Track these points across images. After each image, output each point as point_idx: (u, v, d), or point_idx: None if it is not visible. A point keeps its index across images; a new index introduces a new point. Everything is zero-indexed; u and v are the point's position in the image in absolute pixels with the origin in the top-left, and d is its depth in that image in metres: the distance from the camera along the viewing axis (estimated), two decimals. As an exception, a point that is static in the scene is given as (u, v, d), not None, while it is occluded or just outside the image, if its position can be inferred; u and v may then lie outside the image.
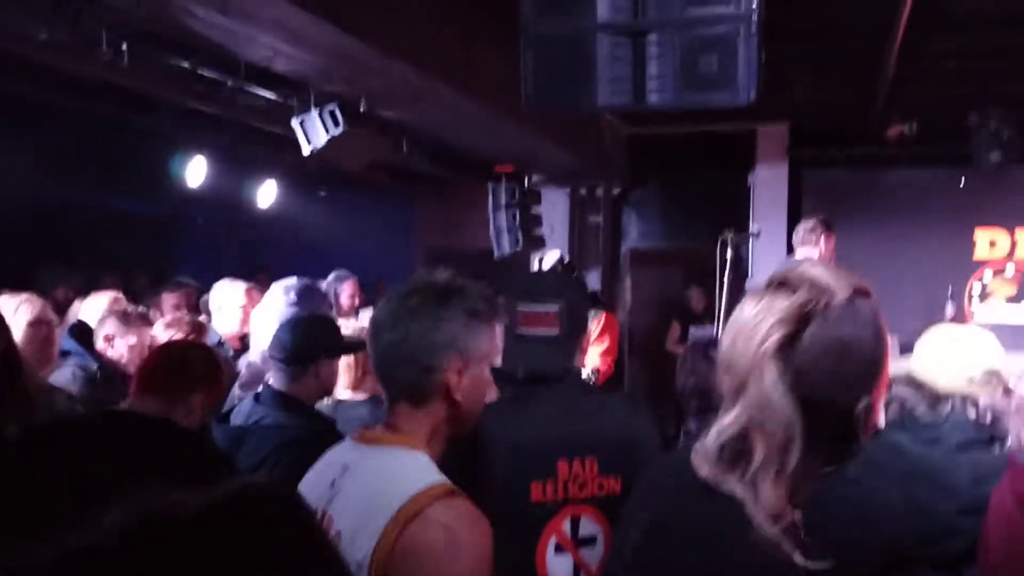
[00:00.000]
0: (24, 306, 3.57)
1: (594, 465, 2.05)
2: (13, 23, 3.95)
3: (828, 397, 1.31)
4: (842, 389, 1.32)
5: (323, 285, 5.27)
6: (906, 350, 2.67)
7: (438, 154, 7.53)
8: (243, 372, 3.64)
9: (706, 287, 6.66)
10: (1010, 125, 7.11)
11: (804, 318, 1.30)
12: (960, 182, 8.02)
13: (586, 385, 2.62)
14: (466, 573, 1.52)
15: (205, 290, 5.11)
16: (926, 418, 2.45)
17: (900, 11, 4.97)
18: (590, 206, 9.65)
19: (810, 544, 1.25)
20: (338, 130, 5.31)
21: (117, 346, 3.80)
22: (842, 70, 6.87)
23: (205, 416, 2.76)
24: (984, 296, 8.44)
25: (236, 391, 3.52)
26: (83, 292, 5.45)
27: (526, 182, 8.49)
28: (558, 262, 5.59)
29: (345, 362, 3.24)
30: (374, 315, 1.77)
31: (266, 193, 9.41)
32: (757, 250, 8.26)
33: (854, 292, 1.33)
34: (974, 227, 8.43)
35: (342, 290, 5.85)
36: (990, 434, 2.40)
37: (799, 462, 1.28)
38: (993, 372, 2.53)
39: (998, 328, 6.78)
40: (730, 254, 5.29)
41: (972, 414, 2.42)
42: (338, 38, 4.05)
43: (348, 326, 3.52)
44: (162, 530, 0.69)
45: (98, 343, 3.81)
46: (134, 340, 3.82)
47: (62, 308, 5.09)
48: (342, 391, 3.30)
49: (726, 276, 5.24)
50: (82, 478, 1.79)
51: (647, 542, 1.46)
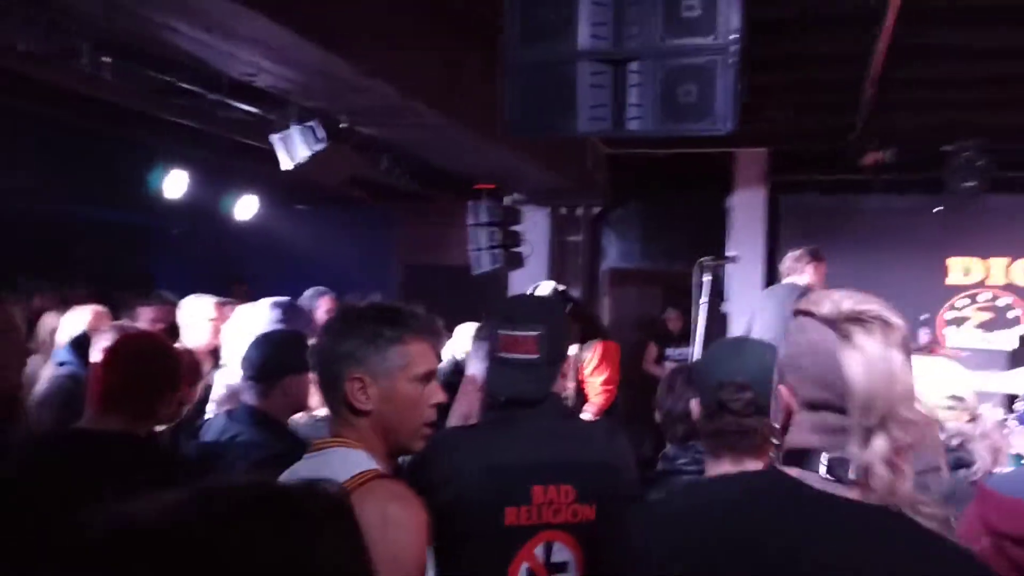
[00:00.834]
0: None
1: (570, 492, 2.06)
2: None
3: None
4: None
5: (302, 301, 5.25)
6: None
7: (419, 171, 7.53)
8: (222, 390, 3.62)
9: (683, 308, 6.68)
10: (985, 154, 7.19)
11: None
12: (935, 209, 8.12)
13: (566, 410, 2.61)
14: (402, 548, 1.58)
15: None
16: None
17: (878, 41, 5.05)
18: (570, 225, 9.67)
19: None
20: (319, 146, 5.31)
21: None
22: (821, 97, 6.96)
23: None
24: (958, 322, 8.54)
25: (212, 407, 3.50)
26: (60, 303, 5.38)
27: (506, 200, 8.51)
28: (553, 292, 5.47)
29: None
30: None
31: (245, 206, 9.38)
32: (733, 275, 8.31)
33: None
34: (948, 254, 8.54)
35: (318, 306, 5.83)
36: (956, 459, 2.44)
37: None
38: (959, 398, 2.58)
39: (971, 354, 6.82)
40: (707, 278, 5.31)
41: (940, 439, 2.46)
42: (322, 56, 4.06)
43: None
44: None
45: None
46: None
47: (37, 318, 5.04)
48: (322, 408, 3.27)
49: (703, 299, 5.26)
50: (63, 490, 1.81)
51: None
